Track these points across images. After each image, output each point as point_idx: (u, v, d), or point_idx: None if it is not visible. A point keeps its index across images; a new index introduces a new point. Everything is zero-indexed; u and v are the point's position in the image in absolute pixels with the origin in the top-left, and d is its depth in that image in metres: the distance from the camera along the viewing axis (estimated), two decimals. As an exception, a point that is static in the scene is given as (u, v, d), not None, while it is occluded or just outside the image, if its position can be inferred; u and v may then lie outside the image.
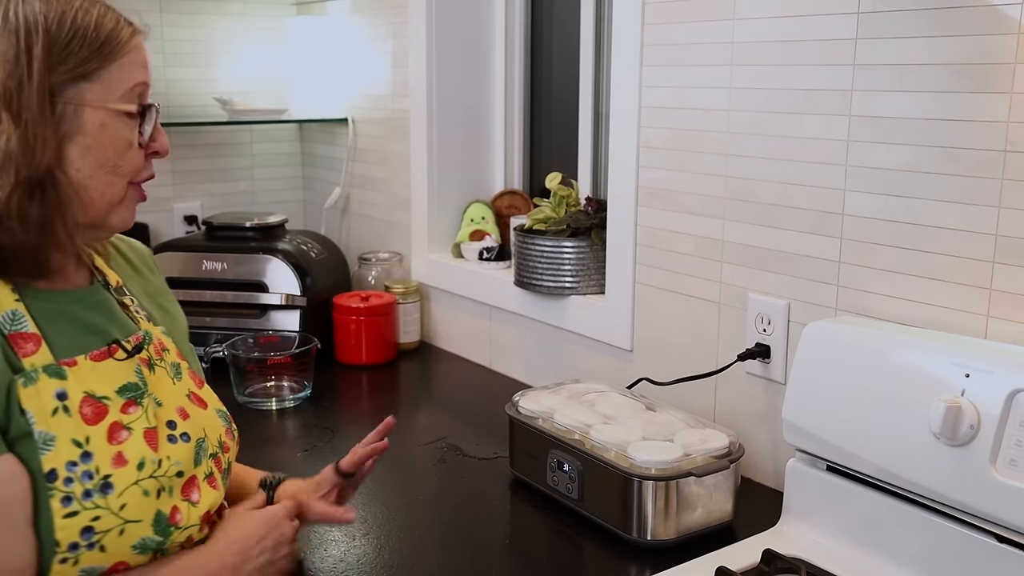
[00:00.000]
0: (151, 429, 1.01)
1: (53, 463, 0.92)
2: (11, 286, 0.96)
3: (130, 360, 1.03)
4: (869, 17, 1.31)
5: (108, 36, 0.97)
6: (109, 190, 0.99)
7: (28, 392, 0.92)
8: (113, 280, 1.11)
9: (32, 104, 0.92)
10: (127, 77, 0.98)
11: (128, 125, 0.99)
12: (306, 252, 2.26)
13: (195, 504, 1.03)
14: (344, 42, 2.54)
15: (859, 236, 1.37)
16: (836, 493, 1.29)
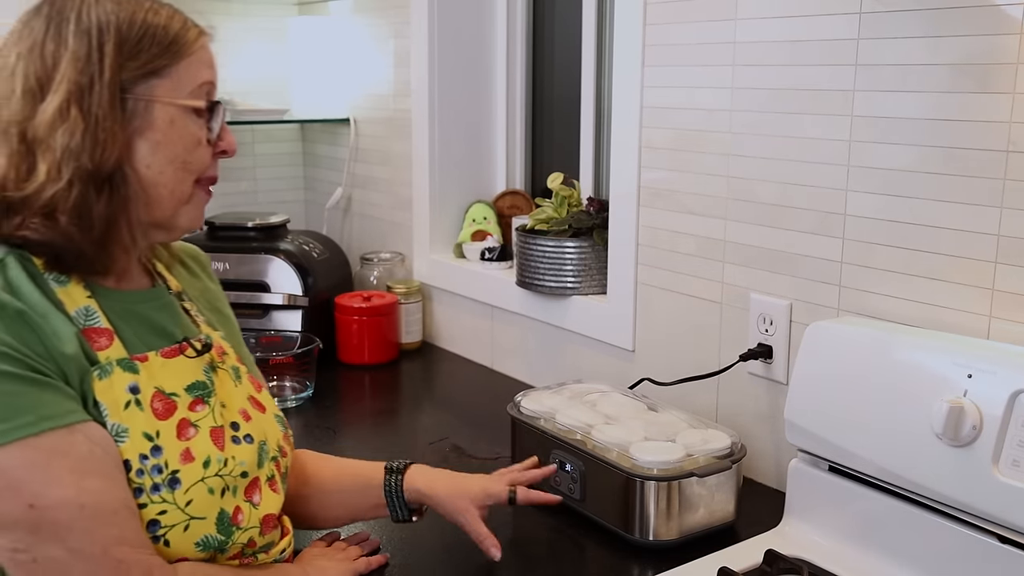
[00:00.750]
0: (217, 428, 1.02)
1: (127, 454, 0.94)
2: (83, 284, 0.98)
3: (199, 359, 1.05)
4: (871, 17, 1.31)
5: (176, 35, 0.99)
6: (178, 187, 1.00)
7: (102, 385, 0.95)
8: (174, 285, 1.13)
9: (103, 100, 0.94)
10: (195, 75, 1.00)
11: (197, 122, 1.01)
12: (308, 252, 2.26)
13: (256, 506, 1.04)
14: (346, 42, 2.54)
15: (861, 236, 1.36)
16: (838, 493, 1.29)
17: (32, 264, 0.96)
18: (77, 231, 0.94)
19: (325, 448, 1.38)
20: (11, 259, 0.95)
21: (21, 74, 0.95)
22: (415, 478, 1.26)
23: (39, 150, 0.93)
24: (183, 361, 1.03)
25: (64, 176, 0.93)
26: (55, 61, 0.94)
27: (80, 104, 0.93)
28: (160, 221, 1.02)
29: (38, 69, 0.94)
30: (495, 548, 1.22)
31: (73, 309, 0.96)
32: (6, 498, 0.87)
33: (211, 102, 1.02)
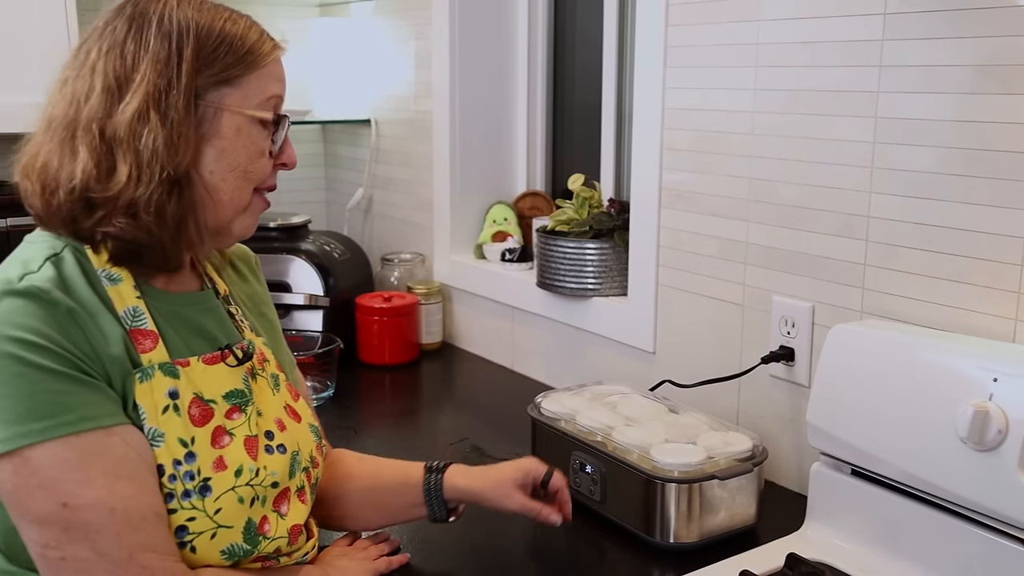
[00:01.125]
0: (251, 437, 1.03)
1: (162, 459, 0.95)
2: (133, 283, 0.99)
3: (239, 367, 1.06)
4: (896, 18, 1.30)
5: (252, 46, 1.00)
6: (237, 194, 1.02)
7: (143, 388, 0.96)
8: (222, 289, 1.14)
9: (179, 105, 0.95)
10: (265, 87, 1.02)
11: (262, 133, 1.02)
12: (329, 252, 2.27)
13: (284, 516, 1.05)
14: (367, 44, 2.55)
15: (885, 238, 1.36)
16: (861, 497, 1.29)
17: (87, 260, 0.98)
18: (157, 229, 0.96)
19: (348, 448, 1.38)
20: (67, 254, 0.97)
21: (101, 72, 0.96)
22: (456, 477, 1.26)
23: (119, 150, 0.95)
24: (223, 368, 1.04)
25: (146, 178, 0.94)
26: (135, 62, 0.96)
27: (158, 107, 0.95)
28: (218, 226, 1.03)
29: (118, 68, 0.96)
30: (555, 514, 1.25)
31: (122, 309, 0.97)
32: (40, 496, 0.88)
33: (278, 115, 1.04)
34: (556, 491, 1.27)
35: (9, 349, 0.88)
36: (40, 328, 0.89)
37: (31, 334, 0.88)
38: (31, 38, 2.01)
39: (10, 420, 0.88)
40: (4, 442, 0.87)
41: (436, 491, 1.25)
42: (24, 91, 2.01)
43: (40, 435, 0.88)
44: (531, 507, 1.25)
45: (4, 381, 0.88)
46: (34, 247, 0.99)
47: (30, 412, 0.88)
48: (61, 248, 0.97)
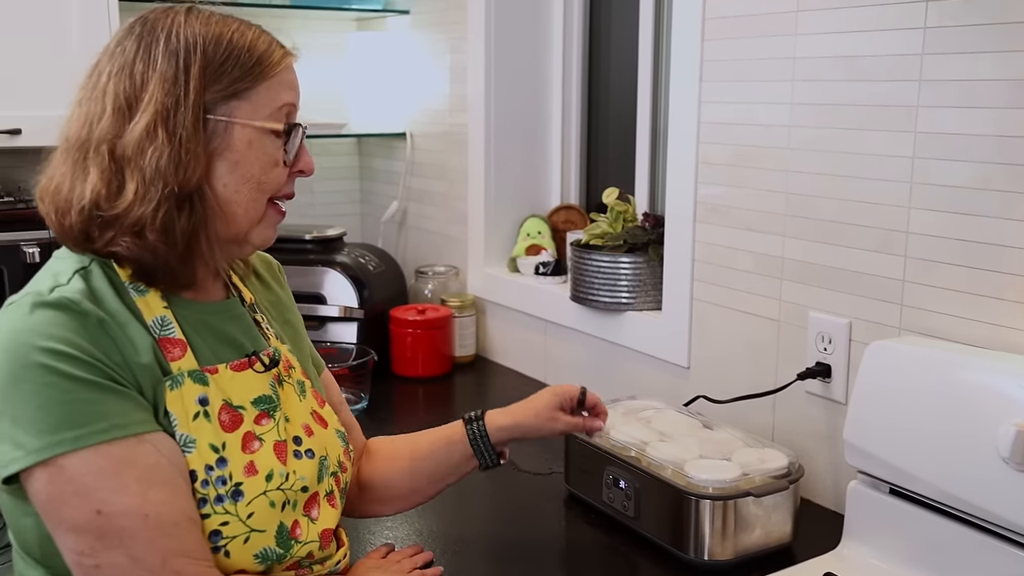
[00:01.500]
0: (281, 442, 1.04)
1: (194, 464, 0.96)
2: (160, 294, 1.01)
3: (267, 373, 1.07)
4: (936, 32, 1.29)
5: (260, 57, 1.01)
6: (252, 205, 1.02)
7: (173, 395, 0.97)
8: (247, 297, 1.16)
9: (187, 121, 0.96)
10: (276, 97, 1.02)
11: (274, 143, 1.03)
12: (364, 265, 2.28)
13: (314, 521, 1.06)
14: (403, 57, 2.57)
15: (924, 254, 1.34)
16: (899, 517, 1.27)
17: (115, 273, 0.99)
18: (164, 247, 0.97)
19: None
20: (95, 267, 0.99)
21: (112, 93, 0.98)
22: (497, 419, 1.30)
23: (127, 169, 0.96)
24: (251, 375, 1.05)
25: (151, 196, 0.95)
26: (144, 81, 0.97)
27: (166, 125, 0.96)
28: (234, 237, 1.04)
29: (127, 88, 0.97)
30: (598, 421, 1.34)
31: (150, 318, 0.99)
32: (75, 503, 0.90)
33: (289, 125, 1.04)
34: (593, 405, 1.34)
35: (40, 359, 0.89)
36: (70, 338, 0.91)
37: (62, 344, 0.90)
38: (71, 53, 2.05)
39: (43, 430, 0.89)
40: (38, 451, 0.89)
41: (483, 438, 1.28)
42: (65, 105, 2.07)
43: (73, 443, 0.89)
44: (575, 423, 1.33)
45: (36, 392, 0.89)
46: (63, 261, 1.00)
47: (62, 421, 0.89)
48: (89, 261, 0.99)
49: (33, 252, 1.95)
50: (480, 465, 1.29)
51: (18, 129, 2.02)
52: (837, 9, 1.41)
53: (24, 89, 2.02)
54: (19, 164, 2.30)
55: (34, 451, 0.89)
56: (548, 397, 1.32)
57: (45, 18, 2.03)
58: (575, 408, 1.33)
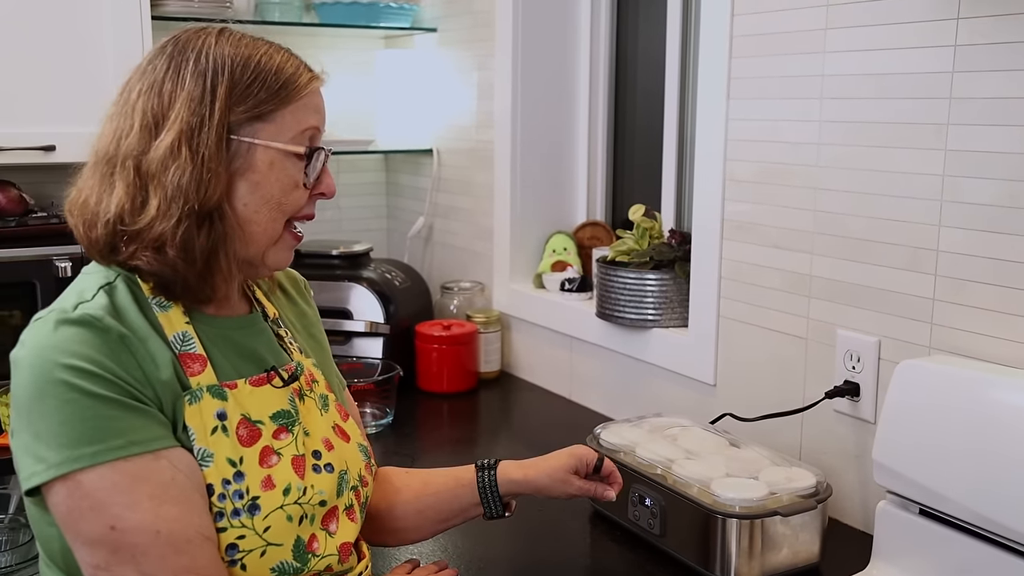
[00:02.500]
0: (299, 457, 1.05)
1: (211, 478, 0.97)
2: (182, 308, 1.02)
3: (285, 388, 1.08)
4: (966, 50, 1.28)
5: (287, 80, 1.02)
6: (271, 226, 1.03)
7: (192, 410, 0.98)
8: (271, 312, 1.17)
9: (210, 141, 0.98)
10: (300, 120, 1.03)
11: (296, 165, 1.04)
12: (390, 280, 2.29)
13: (332, 535, 1.06)
14: (430, 75, 2.59)
15: (954, 273, 1.33)
16: (929, 538, 1.25)
17: (139, 288, 1.01)
18: (183, 263, 0.98)
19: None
20: (120, 283, 1.00)
21: (140, 110, 1.00)
22: (510, 471, 1.27)
23: (151, 185, 0.98)
24: (269, 390, 1.06)
25: (173, 213, 0.97)
26: (171, 100, 0.99)
27: (190, 144, 0.97)
28: (251, 258, 1.05)
29: (155, 106, 0.99)
30: (610, 490, 1.28)
31: (171, 334, 1.00)
32: (91, 518, 0.91)
33: (311, 148, 1.05)
34: (608, 473, 1.30)
35: (63, 376, 0.91)
36: (92, 355, 0.92)
37: (83, 361, 0.91)
38: (104, 71, 2.08)
39: (63, 444, 0.90)
40: (58, 466, 0.90)
41: (491, 488, 1.26)
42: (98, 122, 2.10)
43: (91, 459, 0.91)
44: (587, 489, 1.28)
45: (58, 408, 0.91)
46: (89, 278, 1.02)
47: (82, 437, 0.91)
48: (114, 277, 1.01)
49: (65, 266, 1.97)
50: (484, 514, 1.27)
51: (52, 146, 2.05)
52: (866, 27, 1.41)
53: (58, 106, 2.06)
54: (52, 180, 2.33)
55: (54, 465, 0.90)
56: (564, 458, 1.28)
57: (79, 36, 2.06)
58: (590, 473, 1.29)
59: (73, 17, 2.05)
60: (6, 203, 2.12)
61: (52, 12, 2.03)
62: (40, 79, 2.03)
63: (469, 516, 1.28)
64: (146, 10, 2.10)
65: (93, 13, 2.06)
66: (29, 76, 2.02)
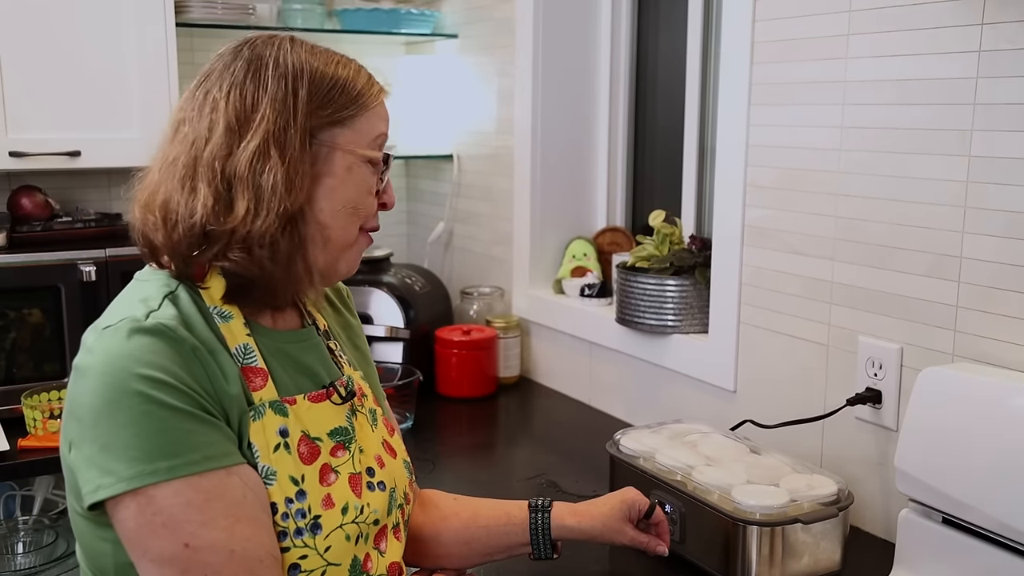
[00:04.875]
0: (355, 475, 1.04)
1: (274, 497, 0.95)
2: (244, 321, 1.01)
3: (343, 405, 1.07)
4: (991, 55, 1.27)
5: (361, 89, 1.03)
6: (346, 231, 1.03)
7: (256, 426, 0.97)
8: (322, 324, 1.16)
9: (296, 143, 0.98)
10: (374, 127, 1.04)
11: (371, 171, 1.04)
12: (410, 285, 2.30)
13: (383, 554, 1.06)
14: (451, 81, 2.60)
15: (979, 280, 1.32)
16: (952, 547, 1.24)
17: (200, 298, 1.00)
18: (270, 263, 0.98)
19: (426, 480, 1.39)
20: (182, 291, 0.99)
21: (223, 111, 0.99)
22: (564, 516, 1.25)
23: (238, 186, 0.96)
24: (328, 406, 1.05)
25: (262, 213, 0.96)
26: (255, 101, 0.98)
27: (278, 145, 0.97)
28: (326, 264, 1.04)
29: (239, 108, 0.98)
30: (662, 545, 1.27)
31: (234, 346, 0.99)
32: (164, 535, 0.89)
33: (385, 154, 1.06)
34: (658, 523, 1.28)
35: (138, 387, 0.88)
36: (167, 366, 0.91)
37: (159, 372, 0.90)
38: (129, 77, 2.10)
39: (136, 457, 0.88)
40: (130, 480, 0.88)
41: (544, 531, 1.24)
42: (123, 128, 2.12)
43: (166, 474, 0.88)
44: (641, 541, 1.26)
45: (133, 420, 0.88)
46: (149, 285, 1.00)
47: (157, 450, 0.89)
48: (175, 286, 0.99)
49: (89, 271, 1.99)
50: (532, 554, 1.25)
51: (77, 151, 2.07)
52: (889, 32, 1.41)
53: (83, 112, 2.08)
54: (77, 185, 2.36)
55: (126, 479, 0.88)
56: (617, 505, 1.26)
57: (104, 43, 2.08)
58: (640, 519, 1.27)
59: (98, 24, 2.07)
60: (32, 208, 2.15)
61: (77, 19, 2.05)
62: (65, 85, 2.06)
63: (516, 553, 1.26)
64: (170, 17, 2.13)
65: (118, 20, 2.08)
66: (54, 82, 2.04)
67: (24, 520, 2.14)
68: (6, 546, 2.08)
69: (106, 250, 2.03)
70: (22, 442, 1.79)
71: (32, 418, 1.80)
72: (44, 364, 1.99)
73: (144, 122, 2.12)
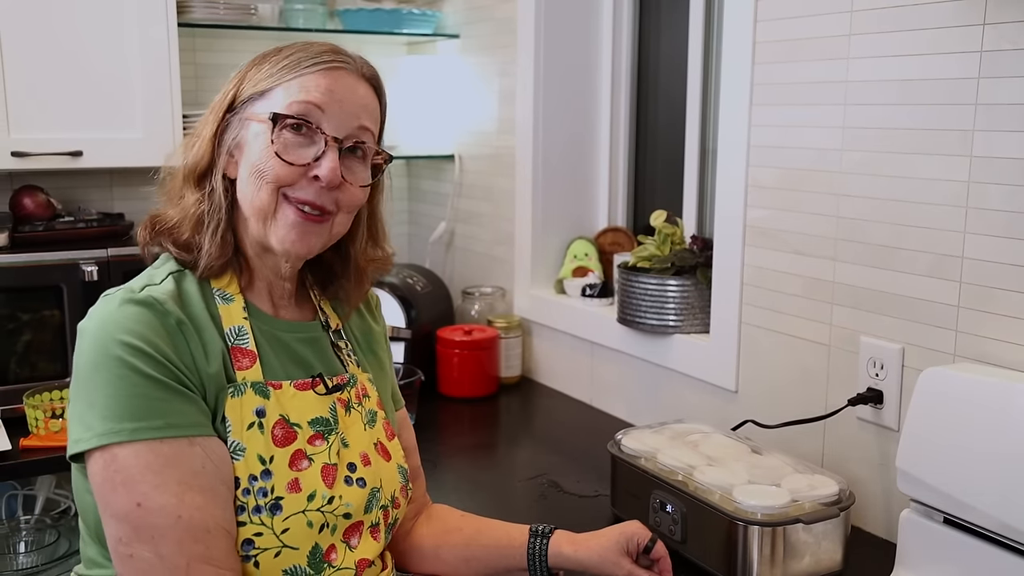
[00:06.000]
0: (330, 466, 1.05)
1: (239, 472, 0.99)
2: (243, 304, 1.07)
3: (328, 396, 1.09)
4: (993, 56, 1.27)
5: (298, 61, 1.06)
6: (256, 195, 1.05)
7: (233, 403, 1.01)
8: (334, 323, 1.18)
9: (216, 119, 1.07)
10: (293, 94, 1.05)
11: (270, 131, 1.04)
12: (412, 285, 2.30)
13: (353, 549, 1.07)
14: (453, 81, 2.60)
15: (980, 280, 1.32)
16: (953, 547, 1.24)
17: (207, 280, 1.06)
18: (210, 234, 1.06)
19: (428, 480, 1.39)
20: (189, 273, 1.06)
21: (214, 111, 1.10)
22: (562, 544, 1.23)
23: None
24: (311, 395, 1.07)
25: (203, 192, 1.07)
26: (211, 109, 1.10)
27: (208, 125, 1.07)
28: (258, 236, 1.07)
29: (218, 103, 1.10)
30: None
31: (228, 326, 1.04)
32: (121, 493, 0.94)
33: (275, 114, 1.03)
34: (659, 558, 1.23)
35: (118, 352, 0.95)
36: (148, 336, 0.96)
37: (140, 340, 0.96)
38: (131, 78, 2.10)
39: (106, 416, 0.94)
40: (100, 436, 0.94)
41: (541, 557, 1.23)
42: (125, 128, 2.12)
43: (130, 435, 0.94)
44: (638, 575, 1.22)
45: (108, 381, 0.95)
46: (162, 266, 1.08)
47: (125, 412, 0.94)
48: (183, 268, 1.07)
49: (91, 271, 1.99)
50: None
51: (79, 151, 2.07)
52: (891, 33, 1.41)
53: (85, 112, 2.08)
54: (79, 185, 2.36)
55: (97, 435, 0.94)
56: (616, 537, 1.23)
57: (106, 43, 2.08)
58: (640, 553, 1.23)
59: (100, 24, 2.07)
60: (34, 208, 2.15)
61: (79, 19, 2.05)
62: (67, 85, 2.06)
63: None
64: (172, 17, 2.13)
65: (120, 20, 2.08)
66: (56, 82, 2.05)
67: (26, 520, 2.14)
68: (8, 545, 2.08)
69: (108, 250, 2.03)
70: (24, 442, 1.79)
71: (34, 418, 1.80)
72: (46, 364, 1.99)
73: (146, 122, 2.12)
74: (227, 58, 2.47)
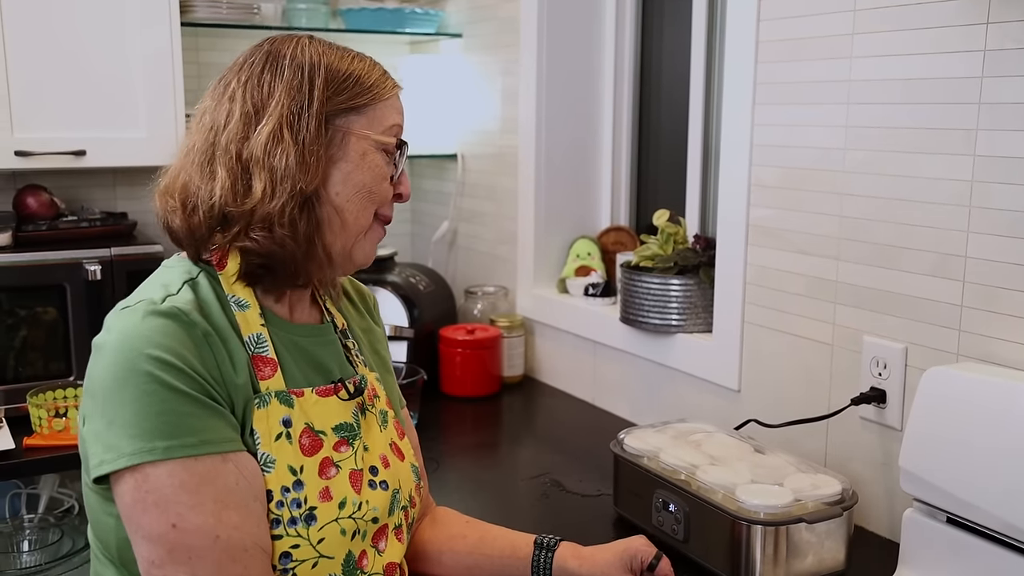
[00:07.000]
0: (357, 471, 1.05)
1: (271, 485, 0.98)
2: (259, 310, 1.04)
3: (350, 401, 1.08)
4: (996, 55, 1.27)
5: (376, 81, 1.07)
6: (361, 215, 1.05)
7: (260, 414, 0.99)
8: (340, 323, 1.18)
9: (310, 127, 1.01)
10: (387, 117, 1.07)
11: (384, 159, 1.07)
12: (414, 284, 2.30)
13: (381, 553, 1.06)
14: (455, 80, 2.60)
15: (983, 279, 1.32)
16: (957, 547, 1.24)
17: (219, 286, 1.03)
18: (291, 242, 1.01)
19: (430, 479, 1.39)
20: (202, 279, 1.03)
21: (240, 100, 1.03)
22: (567, 558, 1.22)
23: (255, 169, 1.00)
24: (335, 401, 1.07)
25: (278, 194, 1.00)
26: (271, 89, 1.03)
27: (291, 128, 1.01)
28: (342, 248, 1.06)
29: (255, 96, 1.03)
30: None
31: (247, 334, 1.02)
32: (154, 513, 0.91)
33: (399, 141, 1.08)
34: (664, 575, 1.22)
35: (146, 367, 0.92)
36: (177, 349, 0.93)
37: (168, 354, 0.93)
38: (134, 77, 2.10)
39: (136, 435, 0.91)
40: (129, 456, 0.91)
41: (545, 569, 1.22)
42: (128, 127, 2.12)
43: (162, 454, 0.91)
44: None
45: (136, 397, 0.91)
46: (172, 271, 1.04)
47: (156, 430, 0.91)
48: (197, 273, 1.03)
49: (95, 270, 1.99)
50: None
51: (83, 150, 2.08)
52: (894, 32, 1.40)
53: (88, 112, 2.08)
54: (83, 184, 2.37)
55: (125, 455, 0.91)
56: (621, 554, 1.21)
57: (109, 43, 2.09)
58: (643, 570, 1.21)
59: (103, 23, 2.07)
60: (37, 207, 2.15)
61: (82, 18, 2.05)
62: (71, 85, 2.06)
63: None
64: (175, 16, 2.13)
65: (123, 19, 2.09)
66: (60, 82, 2.05)
67: (30, 518, 2.14)
68: (11, 544, 2.09)
69: (111, 249, 2.04)
70: (28, 440, 1.79)
71: (37, 417, 1.80)
72: (49, 363, 1.99)
73: (149, 122, 2.12)
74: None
